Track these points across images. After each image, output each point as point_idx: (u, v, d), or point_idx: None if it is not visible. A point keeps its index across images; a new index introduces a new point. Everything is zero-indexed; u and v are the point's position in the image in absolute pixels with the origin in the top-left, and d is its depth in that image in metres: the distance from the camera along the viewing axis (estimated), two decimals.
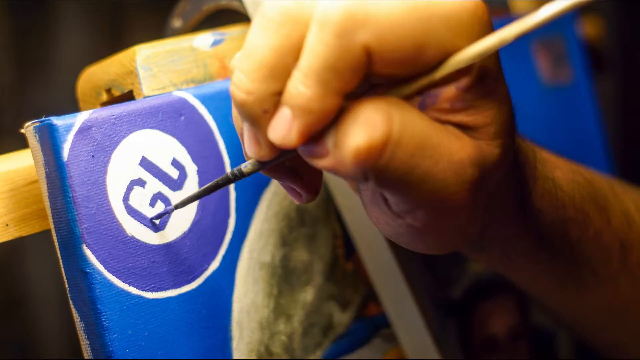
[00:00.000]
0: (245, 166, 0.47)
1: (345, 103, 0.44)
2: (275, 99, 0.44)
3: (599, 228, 0.57)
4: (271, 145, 0.45)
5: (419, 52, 0.44)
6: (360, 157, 0.43)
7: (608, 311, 0.60)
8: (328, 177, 0.58)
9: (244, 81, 0.44)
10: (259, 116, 0.44)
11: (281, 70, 0.44)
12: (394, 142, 0.43)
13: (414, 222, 0.46)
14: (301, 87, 0.43)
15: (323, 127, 0.44)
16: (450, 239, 0.48)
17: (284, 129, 0.43)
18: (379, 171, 0.44)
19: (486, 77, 0.46)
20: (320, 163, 0.44)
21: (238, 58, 0.44)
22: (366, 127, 0.43)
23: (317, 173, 0.49)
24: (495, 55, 0.46)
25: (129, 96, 0.54)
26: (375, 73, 0.44)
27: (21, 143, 0.53)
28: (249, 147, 0.46)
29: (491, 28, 0.46)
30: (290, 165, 0.48)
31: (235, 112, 0.48)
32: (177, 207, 0.51)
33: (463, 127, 0.46)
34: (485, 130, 0.46)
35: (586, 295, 0.59)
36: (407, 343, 0.59)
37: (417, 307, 0.57)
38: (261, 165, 0.46)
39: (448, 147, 0.45)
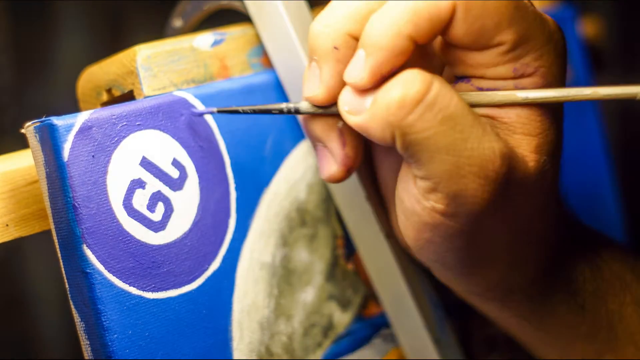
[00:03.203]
0: (301, 106, 0.49)
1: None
2: (348, 39, 0.47)
3: (637, 295, 0.56)
4: (328, 88, 0.48)
5: (496, 31, 0.46)
6: (390, 110, 0.45)
7: None
8: None
9: (325, 16, 0.47)
10: (328, 51, 0.47)
11: (363, 15, 0.47)
12: (427, 103, 0.45)
13: (436, 203, 0.47)
14: (376, 23, 0.45)
15: (391, 70, 0.46)
16: (474, 258, 0.49)
17: (357, 68, 0.46)
18: (406, 128, 0.45)
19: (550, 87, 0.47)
20: (353, 119, 0.46)
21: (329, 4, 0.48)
22: (404, 83, 0.45)
23: (359, 151, 0.50)
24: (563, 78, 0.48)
25: (129, 96, 0.54)
26: (448, 37, 0.46)
27: (21, 143, 0.53)
28: (308, 86, 0.48)
29: (563, 42, 0.48)
30: (340, 129, 0.50)
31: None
32: (219, 111, 0.52)
33: (508, 130, 0.47)
34: (528, 141, 0.47)
35: None
36: (407, 344, 0.59)
37: (416, 308, 0.57)
38: (314, 108, 0.49)
39: (481, 131, 0.46)
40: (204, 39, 0.57)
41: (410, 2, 0.45)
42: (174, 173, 0.52)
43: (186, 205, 0.53)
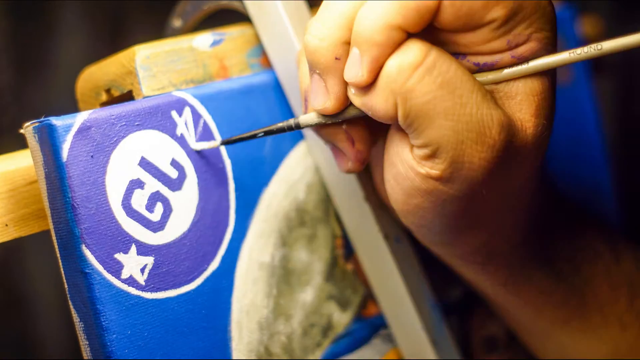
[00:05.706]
0: (304, 119, 0.50)
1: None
2: (347, 47, 0.47)
3: (608, 265, 0.57)
4: (337, 97, 0.48)
5: (485, 11, 0.46)
6: (391, 77, 0.45)
7: (613, 353, 0.60)
8: (327, 177, 0.58)
9: (319, 28, 0.47)
10: (331, 63, 0.47)
11: (354, 19, 0.46)
12: (426, 67, 0.45)
13: (431, 169, 0.47)
14: (365, 20, 0.45)
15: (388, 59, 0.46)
16: (460, 224, 0.49)
17: (355, 68, 0.46)
18: (406, 93, 0.45)
19: (545, 49, 0.48)
20: (359, 100, 0.47)
21: (318, 12, 0.48)
22: (403, 51, 0.46)
23: (368, 143, 0.51)
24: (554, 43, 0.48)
25: (128, 96, 0.54)
26: (438, 23, 0.46)
27: (21, 143, 0.53)
28: (316, 99, 0.49)
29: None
30: (346, 130, 0.51)
31: (302, 71, 0.51)
32: (222, 143, 0.53)
33: (507, 96, 0.48)
34: (528, 103, 0.48)
35: (590, 334, 0.58)
36: (404, 345, 0.59)
37: (414, 309, 0.57)
38: (324, 118, 0.50)
39: (480, 98, 0.46)
40: (203, 39, 0.56)
41: None
42: (173, 173, 0.52)
43: (185, 205, 0.53)
